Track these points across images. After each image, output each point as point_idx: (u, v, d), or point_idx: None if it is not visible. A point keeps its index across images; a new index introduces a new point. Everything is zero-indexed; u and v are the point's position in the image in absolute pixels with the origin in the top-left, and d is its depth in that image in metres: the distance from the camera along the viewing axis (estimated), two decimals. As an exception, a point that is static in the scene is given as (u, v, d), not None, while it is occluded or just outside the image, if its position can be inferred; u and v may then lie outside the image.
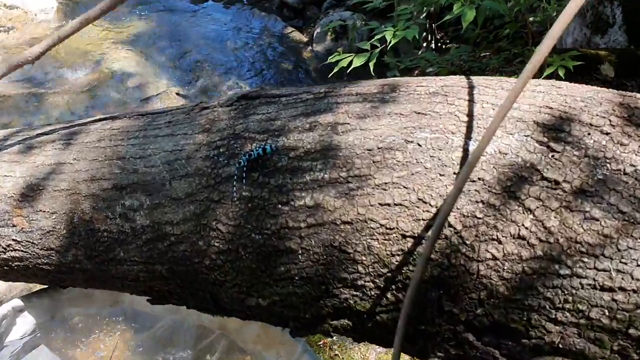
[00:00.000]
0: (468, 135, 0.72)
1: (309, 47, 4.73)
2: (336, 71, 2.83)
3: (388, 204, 0.73)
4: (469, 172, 0.67)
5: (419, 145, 0.74)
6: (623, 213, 0.63)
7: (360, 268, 0.75)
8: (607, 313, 0.62)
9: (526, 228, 0.66)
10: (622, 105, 0.71)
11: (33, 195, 1.02)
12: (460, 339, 0.72)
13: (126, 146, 0.96)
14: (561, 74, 2.09)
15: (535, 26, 2.84)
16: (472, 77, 0.81)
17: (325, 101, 0.85)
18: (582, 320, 0.63)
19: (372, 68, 2.76)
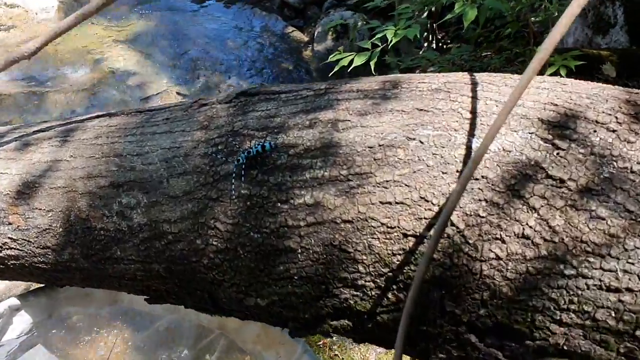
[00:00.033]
0: (471, 132, 0.71)
1: (310, 47, 4.72)
2: (336, 70, 2.82)
3: (389, 203, 0.71)
4: (473, 170, 0.65)
5: (421, 142, 0.72)
6: (630, 212, 0.61)
7: (360, 267, 0.74)
8: (614, 314, 0.61)
9: (530, 227, 0.65)
10: (629, 102, 0.69)
11: (29, 192, 1.01)
12: (462, 341, 0.71)
13: (123, 143, 0.95)
14: (563, 74, 2.08)
15: (536, 26, 2.83)
16: (475, 74, 0.80)
17: (325, 98, 0.83)
18: (588, 321, 0.62)
19: (373, 67, 2.75)
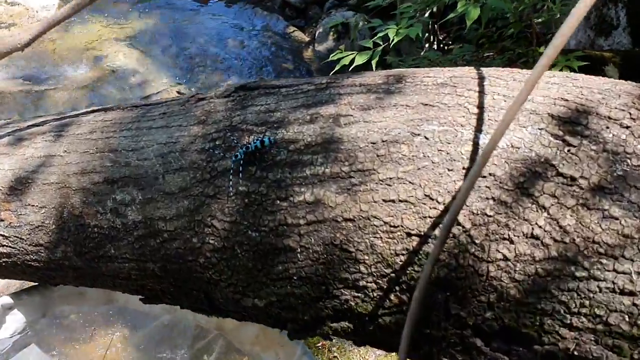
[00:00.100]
0: (478, 128, 0.68)
1: (311, 47, 4.70)
2: (337, 70, 2.80)
3: (392, 201, 0.69)
4: (482, 167, 0.63)
5: (426, 138, 0.70)
6: (645, 212, 0.59)
7: (362, 268, 0.71)
8: (627, 319, 0.58)
9: (540, 227, 0.62)
10: (643, 98, 0.67)
11: (22, 188, 0.98)
12: (467, 344, 0.68)
13: (118, 138, 0.92)
14: (567, 74, 2.05)
15: (539, 27, 2.80)
16: (482, 68, 0.77)
17: (327, 92, 0.81)
18: (600, 326, 0.59)
19: (374, 67, 2.73)
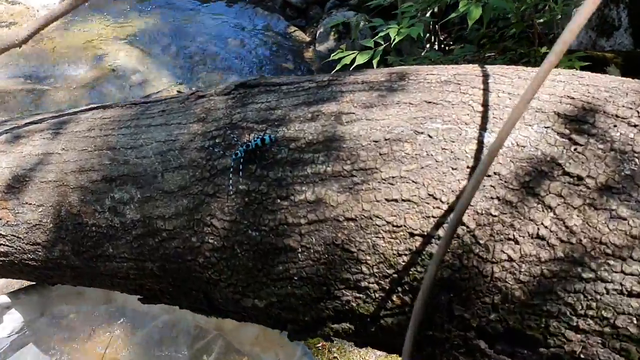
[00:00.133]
0: (483, 126, 0.67)
1: (312, 47, 4.69)
2: (338, 69, 2.79)
3: (395, 200, 0.67)
4: (488, 166, 0.61)
5: (430, 136, 0.68)
6: (653, 212, 0.58)
7: (364, 268, 0.70)
8: (635, 321, 0.57)
9: (546, 227, 0.61)
10: (650, 96, 0.66)
11: (19, 186, 0.97)
12: (471, 346, 0.67)
13: (117, 136, 0.91)
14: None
15: (540, 27, 2.79)
16: (487, 66, 0.76)
17: (328, 90, 0.80)
18: (607, 328, 0.58)
19: (376, 67, 2.71)
